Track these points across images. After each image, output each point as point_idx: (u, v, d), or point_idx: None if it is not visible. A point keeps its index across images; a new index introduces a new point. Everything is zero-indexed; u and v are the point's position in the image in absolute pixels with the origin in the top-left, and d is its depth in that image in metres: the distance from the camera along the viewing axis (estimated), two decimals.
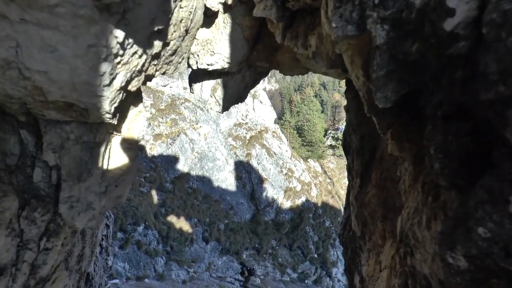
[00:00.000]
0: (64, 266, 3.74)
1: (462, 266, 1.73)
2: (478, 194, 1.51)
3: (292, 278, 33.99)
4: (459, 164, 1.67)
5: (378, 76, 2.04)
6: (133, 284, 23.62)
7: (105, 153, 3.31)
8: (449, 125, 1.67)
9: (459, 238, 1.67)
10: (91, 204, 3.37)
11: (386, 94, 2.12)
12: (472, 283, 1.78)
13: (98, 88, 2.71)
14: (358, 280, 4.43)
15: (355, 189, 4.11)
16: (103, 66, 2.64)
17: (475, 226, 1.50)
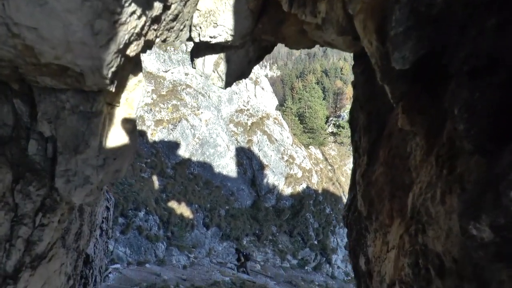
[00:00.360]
0: (61, 243, 3.62)
1: (487, 238, 1.59)
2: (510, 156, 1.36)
3: (292, 265, 34.08)
4: (487, 123, 1.52)
5: (397, 33, 1.89)
6: (134, 269, 23.66)
7: (103, 124, 3.17)
8: (476, 80, 1.52)
9: (485, 206, 1.52)
10: (88, 178, 3.24)
11: (404, 54, 1.97)
12: (495, 258, 1.63)
13: (94, 49, 2.56)
14: (364, 261, 4.30)
15: (362, 168, 3.97)
16: (99, 23, 2.47)
17: (508, 190, 1.35)
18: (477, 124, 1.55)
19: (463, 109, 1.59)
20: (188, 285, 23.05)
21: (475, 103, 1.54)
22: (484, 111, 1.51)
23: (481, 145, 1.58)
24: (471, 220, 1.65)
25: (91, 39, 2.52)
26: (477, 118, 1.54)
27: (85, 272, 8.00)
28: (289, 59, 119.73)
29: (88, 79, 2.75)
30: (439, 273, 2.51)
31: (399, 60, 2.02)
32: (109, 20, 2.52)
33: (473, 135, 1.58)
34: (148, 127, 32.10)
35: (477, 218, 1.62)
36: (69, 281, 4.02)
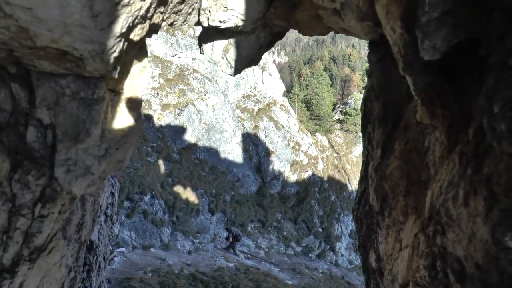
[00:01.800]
0: (62, 235, 3.49)
1: None
2: None
3: (296, 252, 34.15)
4: None
5: (430, 20, 1.70)
6: (139, 253, 23.76)
7: (105, 112, 3.01)
8: None
9: None
10: (90, 168, 3.09)
11: (435, 43, 1.78)
12: None
13: (94, 32, 2.38)
14: (374, 258, 4.15)
15: (375, 161, 3.79)
16: (99, 4, 2.29)
17: None
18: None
19: (506, 107, 1.42)
20: (193, 270, 23.13)
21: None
22: None
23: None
24: (508, 232, 1.49)
25: (91, 22, 2.35)
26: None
27: (89, 259, 7.93)
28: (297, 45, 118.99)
29: (88, 64, 2.59)
30: (460, 278, 2.36)
31: (430, 50, 1.84)
32: (110, 1, 2.34)
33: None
34: (155, 111, 32.02)
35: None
36: (70, 273, 3.90)
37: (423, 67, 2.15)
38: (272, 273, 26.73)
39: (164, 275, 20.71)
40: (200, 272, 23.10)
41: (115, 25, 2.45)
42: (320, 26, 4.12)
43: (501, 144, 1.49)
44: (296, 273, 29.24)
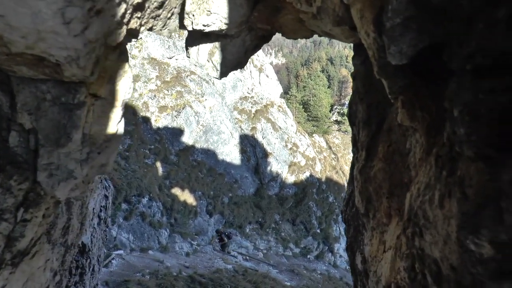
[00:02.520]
0: (46, 239, 3.49)
1: (486, 254, 1.43)
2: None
3: (294, 253, 34.14)
4: (490, 129, 1.35)
5: (394, 25, 1.71)
6: (137, 255, 23.75)
7: (86, 116, 3.02)
8: (481, 81, 1.35)
9: (486, 220, 1.36)
10: (72, 173, 3.10)
11: (401, 48, 1.79)
12: (498, 275, 1.48)
13: (68, 38, 2.39)
14: (360, 260, 4.16)
15: (359, 163, 3.81)
16: (70, 11, 2.30)
17: (510, 207, 1.19)
18: (479, 130, 1.38)
19: (464, 112, 1.43)
20: (191, 272, 23.11)
21: (478, 107, 1.38)
22: (488, 116, 1.35)
23: (482, 153, 1.42)
24: (469, 234, 1.50)
25: (63, 28, 2.35)
26: (479, 123, 1.38)
27: (82, 262, 7.93)
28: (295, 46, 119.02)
29: (65, 70, 2.59)
30: (436, 280, 2.37)
31: (396, 55, 1.85)
32: (82, 8, 2.34)
33: (475, 141, 1.42)
34: (152, 114, 32.01)
35: (476, 232, 1.46)
36: (56, 277, 3.90)
37: (397, 70, 2.16)
38: (271, 275, 26.72)
39: (162, 278, 20.70)
40: (198, 274, 23.08)
41: (89, 31, 2.45)
42: (303, 29, 4.13)
43: (462, 148, 1.50)
44: (294, 275, 29.22)
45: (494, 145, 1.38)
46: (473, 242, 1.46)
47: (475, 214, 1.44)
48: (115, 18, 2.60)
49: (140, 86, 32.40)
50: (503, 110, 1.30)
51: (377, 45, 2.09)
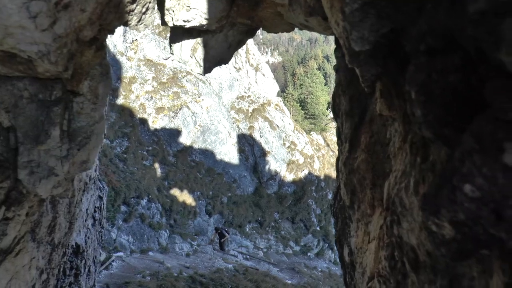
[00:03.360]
0: (31, 237, 3.49)
1: (448, 235, 1.43)
2: (466, 143, 1.20)
3: (294, 251, 34.16)
4: (444, 109, 1.35)
5: (352, 10, 1.71)
6: (137, 257, 23.76)
7: (64, 113, 3.01)
8: (434, 61, 1.35)
9: (444, 200, 1.36)
10: (53, 170, 3.09)
11: (362, 33, 1.79)
12: (459, 255, 1.48)
13: (36, 33, 2.38)
14: (347, 252, 4.17)
15: (343, 155, 3.81)
16: (35, 5, 2.29)
17: (461, 183, 1.19)
18: (434, 110, 1.38)
19: (419, 92, 1.43)
20: (192, 272, 23.12)
21: (432, 86, 1.38)
22: (442, 95, 1.35)
23: (440, 133, 1.42)
24: (431, 215, 1.50)
25: (30, 23, 2.34)
26: (434, 103, 1.38)
27: (76, 262, 7.93)
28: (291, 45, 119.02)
29: (38, 66, 2.59)
30: (414, 266, 2.37)
31: (358, 41, 1.85)
32: (47, 2, 2.33)
33: (431, 122, 1.42)
34: (149, 115, 32.03)
35: (437, 213, 1.46)
36: (42, 275, 3.90)
37: (368, 58, 2.16)
38: (271, 273, 26.72)
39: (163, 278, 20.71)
40: (199, 274, 23.09)
41: (58, 26, 2.44)
42: (282, 23, 4.13)
43: (421, 129, 1.51)
44: (295, 273, 29.22)
45: (451, 125, 1.38)
46: (434, 223, 1.46)
47: (435, 195, 1.44)
48: (85, 12, 2.60)
49: (136, 87, 32.41)
50: (455, 90, 1.30)
51: (346, 33, 2.09)
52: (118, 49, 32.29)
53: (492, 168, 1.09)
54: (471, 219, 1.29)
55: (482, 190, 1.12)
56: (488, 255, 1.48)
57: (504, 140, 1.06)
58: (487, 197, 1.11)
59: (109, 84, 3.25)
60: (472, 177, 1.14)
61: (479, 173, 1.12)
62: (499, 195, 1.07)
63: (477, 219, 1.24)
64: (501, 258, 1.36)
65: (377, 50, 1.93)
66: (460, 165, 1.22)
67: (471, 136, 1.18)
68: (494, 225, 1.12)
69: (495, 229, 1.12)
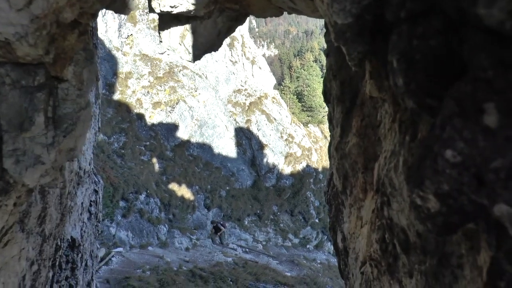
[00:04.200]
0: (19, 227, 3.45)
1: (433, 208, 1.40)
2: (447, 107, 1.15)
3: (293, 244, 34.23)
4: (426, 75, 1.31)
5: None
6: (137, 252, 23.81)
7: (48, 99, 2.96)
8: (414, 27, 1.31)
9: (427, 171, 1.32)
10: (39, 158, 3.05)
11: (344, 5, 1.75)
12: (445, 229, 1.44)
13: (11, 13, 2.32)
14: (341, 238, 4.14)
15: (335, 140, 3.77)
16: None
17: (442, 149, 1.15)
18: (416, 77, 1.34)
19: (401, 61, 1.38)
20: (191, 266, 23.19)
21: (413, 53, 1.33)
22: (423, 61, 1.30)
23: (422, 102, 1.37)
24: (415, 188, 1.46)
25: (4, 2, 2.29)
26: (416, 70, 1.33)
27: (72, 256, 7.91)
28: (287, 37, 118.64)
29: (17, 49, 2.53)
30: (405, 248, 2.34)
31: (340, 13, 1.80)
32: None
33: (414, 90, 1.37)
34: (146, 110, 31.97)
35: (421, 185, 1.42)
36: (33, 266, 3.86)
37: (355, 35, 2.11)
38: (271, 266, 26.81)
39: (162, 273, 20.76)
40: (198, 268, 23.16)
41: (34, 6, 2.39)
42: (271, 7, 4.07)
43: (404, 100, 1.46)
44: (294, 265, 29.31)
45: (434, 94, 1.34)
46: (419, 195, 1.42)
47: (419, 166, 1.40)
48: None
49: (133, 83, 32.33)
50: (436, 55, 1.26)
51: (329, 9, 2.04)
52: (114, 44, 32.16)
53: (473, 130, 1.05)
54: (456, 190, 1.25)
55: (463, 154, 1.08)
56: (475, 229, 1.44)
57: (483, 101, 1.02)
58: (468, 161, 1.07)
59: (94, 69, 3.19)
60: (453, 141, 1.10)
61: (459, 137, 1.08)
62: (480, 158, 1.03)
63: (461, 188, 1.20)
64: (487, 232, 1.32)
65: (362, 26, 1.88)
66: (441, 131, 1.18)
67: (451, 100, 1.13)
68: (476, 191, 1.08)
69: (478, 195, 1.08)
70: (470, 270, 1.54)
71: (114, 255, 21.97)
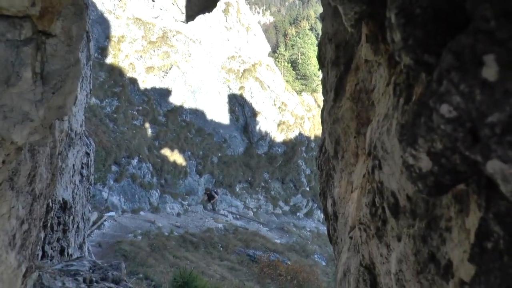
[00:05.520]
0: (9, 185, 3.42)
1: (424, 168, 1.38)
2: (445, 61, 1.12)
3: (284, 211, 34.62)
4: (425, 30, 1.27)
5: None
6: (128, 217, 24.02)
7: (36, 54, 2.89)
8: None
9: (421, 128, 1.30)
10: (28, 114, 2.99)
11: None
12: (436, 189, 1.43)
13: None
14: (330, 203, 4.16)
15: (328, 104, 3.74)
16: None
17: (438, 104, 1.12)
18: (415, 32, 1.30)
19: (400, 15, 1.34)
20: (182, 232, 23.47)
21: (412, 7, 1.29)
22: (423, 16, 1.26)
23: (421, 60, 1.34)
24: (407, 146, 1.44)
25: None
26: (414, 24, 1.29)
27: (64, 218, 7.93)
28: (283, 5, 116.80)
29: None
30: (394, 212, 2.35)
31: None
32: None
33: (411, 46, 1.34)
34: (139, 74, 31.62)
35: (414, 143, 1.40)
36: (23, 225, 3.86)
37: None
38: (261, 233, 27.19)
39: (154, 238, 21.02)
40: (189, 234, 23.45)
41: None
42: None
43: (401, 56, 1.43)
44: (284, 232, 29.73)
45: (432, 50, 1.30)
46: (411, 154, 1.40)
47: (413, 124, 1.38)
48: None
49: (125, 47, 31.85)
50: (436, 9, 1.22)
51: None
52: (106, 7, 31.48)
53: (470, 84, 1.02)
54: (449, 149, 1.23)
55: (459, 109, 1.05)
56: (465, 191, 1.43)
57: (483, 53, 0.99)
58: (464, 116, 1.04)
59: (83, 25, 3.11)
60: (450, 95, 1.07)
61: (456, 91, 1.05)
62: (476, 113, 1.01)
63: (454, 146, 1.18)
64: (478, 193, 1.31)
65: None
66: (438, 86, 1.15)
67: (449, 53, 1.10)
68: (470, 146, 1.06)
69: (471, 151, 1.06)
70: (458, 232, 1.54)
71: (106, 219, 22.18)
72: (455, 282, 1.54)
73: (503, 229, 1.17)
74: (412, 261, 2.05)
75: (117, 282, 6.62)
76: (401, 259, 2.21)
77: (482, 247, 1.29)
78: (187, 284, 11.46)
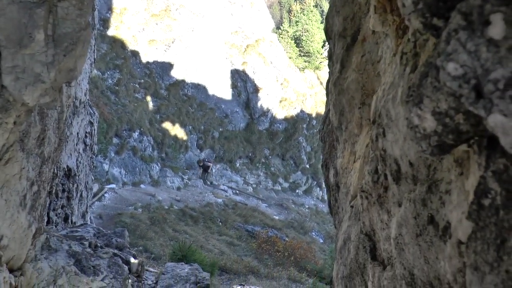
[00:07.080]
0: (20, 146, 3.50)
1: (429, 127, 1.44)
2: (453, 22, 1.18)
3: (283, 188, 34.80)
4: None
5: None
6: (129, 189, 24.19)
7: (48, 16, 2.92)
8: None
9: (427, 88, 1.36)
10: (39, 76, 3.04)
11: None
12: (439, 149, 1.50)
13: None
14: (332, 174, 4.24)
15: (334, 75, 3.79)
16: None
17: (445, 63, 1.18)
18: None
19: None
20: (182, 206, 23.67)
21: None
22: None
23: (430, 23, 1.39)
24: (413, 107, 1.51)
25: None
26: None
27: (68, 186, 8.05)
28: None
29: None
30: (396, 178, 2.42)
31: None
32: None
33: (421, 9, 1.39)
34: (141, 47, 31.41)
35: (420, 103, 1.47)
36: (33, 186, 3.95)
37: None
38: (260, 209, 27.42)
39: (154, 211, 21.22)
40: (189, 208, 23.67)
41: None
42: None
43: (410, 20, 1.48)
44: (283, 209, 29.97)
45: (441, 14, 1.35)
46: (417, 114, 1.47)
47: (419, 84, 1.44)
48: None
49: (128, 19, 31.55)
50: None
51: None
52: None
53: (477, 42, 1.08)
54: (453, 109, 1.29)
55: (465, 66, 1.11)
56: (466, 152, 1.50)
57: (491, 12, 1.04)
58: (470, 73, 1.11)
59: None
60: (457, 54, 1.13)
61: (463, 49, 1.11)
62: (481, 70, 1.07)
63: (458, 105, 1.25)
64: (479, 153, 1.38)
65: None
66: (446, 45, 1.21)
67: (458, 14, 1.16)
68: (474, 102, 1.12)
69: (474, 106, 1.12)
70: (458, 195, 1.61)
71: (107, 191, 22.35)
72: (452, 243, 1.62)
73: (500, 186, 1.25)
74: (412, 224, 2.13)
75: (121, 249, 6.77)
76: (401, 223, 2.30)
77: (480, 204, 1.36)
78: (186, 258, 11.66)
